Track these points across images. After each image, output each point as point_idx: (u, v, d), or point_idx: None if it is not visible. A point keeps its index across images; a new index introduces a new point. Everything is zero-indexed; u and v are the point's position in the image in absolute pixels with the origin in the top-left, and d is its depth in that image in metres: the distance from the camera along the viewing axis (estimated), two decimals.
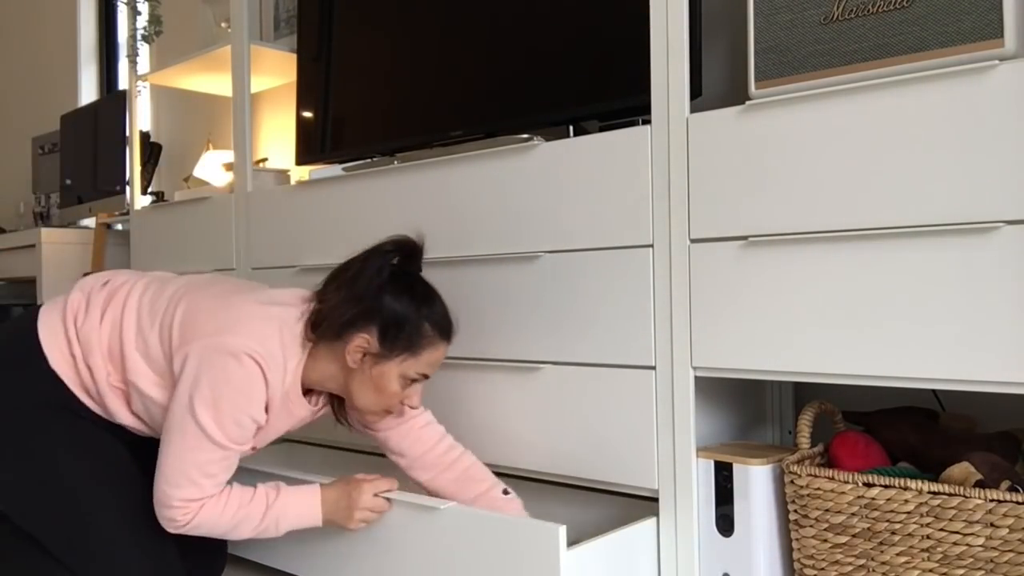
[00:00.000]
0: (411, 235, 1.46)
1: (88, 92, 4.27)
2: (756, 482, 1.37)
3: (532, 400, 1.62)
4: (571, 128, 1.66)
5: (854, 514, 1.28)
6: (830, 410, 1.47)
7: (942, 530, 1.20)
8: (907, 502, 1.22)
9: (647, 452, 1.46)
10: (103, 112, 3.42)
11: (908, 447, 1.39)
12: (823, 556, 1.32)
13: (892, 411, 1.46)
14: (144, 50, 2.85)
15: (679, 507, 1.43)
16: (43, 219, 3.91)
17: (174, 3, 3.30)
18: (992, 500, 1.15)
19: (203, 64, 2.62)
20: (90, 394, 1.42)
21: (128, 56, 2.80)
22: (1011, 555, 1.14)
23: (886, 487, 1.25)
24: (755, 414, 1.65)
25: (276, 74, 2.67)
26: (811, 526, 1.32)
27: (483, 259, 1.69)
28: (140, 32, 2.79)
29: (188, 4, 3.31)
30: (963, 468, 1.22)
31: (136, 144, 2.77)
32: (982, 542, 1.16)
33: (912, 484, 1.22)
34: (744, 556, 1.38)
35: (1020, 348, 1.12)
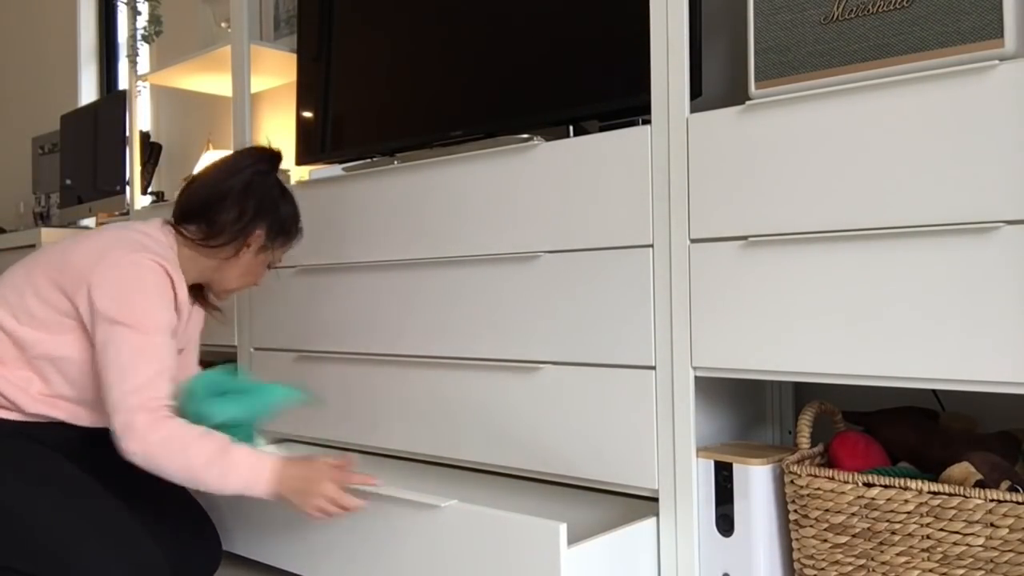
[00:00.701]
0: (263, 144, 1.70)
1: (88, 92, 4.27)
2: (756, 482, 1.37)
3: (532, 400, 1.62)
4: (571, 128, 1.66)
5: (854, 514, 1.28)
6: (830, 410, 1.47)
7: (942, 530, 1.20)
8: (907, 502, 1.22)
9: (647, 452, 1.46)
10: (103, 112, 3.42)
11: (908, 447, 1.39)
12: (823, 556, 1.32)
13: (892, 411, 1.46)
14: (144, 50, 2.85)
15: (679, 507, 1.43)
16: (43, 219, 3.91)
17: (174, 3, 3.30)
18: (992, 500, 1.15)
19: (203, 64, 2.62)
20: (15, 408, 1.45)
21: (128, 56, 2.80)
22: (1011, 555, 1.14)
23: (886, 487, 1.25)
24: (755, 414, 1.65)
25: (276, 74, 2.67)
26: (811, 526, 1.32)
27: (483, 259, 1.69)
28: (140, 32, 2.79)
29: (188, 4, 3.31)
30: (963, 468, 1.22)
31: (136, 144, 2.77)
32: (982, 542, 1.16)
33: (912, 484, 1.22)
34: (744, 556, 1.38)
35: (1020, 348, 1.12)
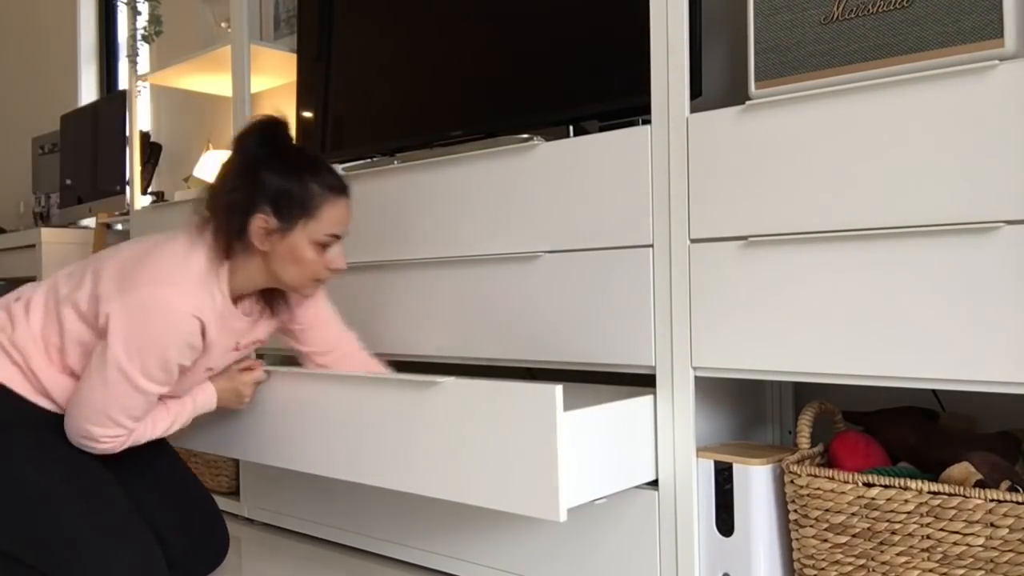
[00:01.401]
0: (270, 115, 1.55)
1: (88, 92, 4.27)
2: (756, 482, 1.37)
3: None
4: (571, 128, 1.66)
5: (854, 514, 1.28)
6: (830, 410, 1.47)
7: (942, 530, 1.20)
8: (907, 502, 1.22)
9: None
10: (103, 112, 3.42)
11: (908, 447, 1.39)
12: (823, 556, 1.32)
13: (892, 411, 1.46)
14: (144, 50, 2.85)
15: (679, 507, 1.43)
16: (43, 219, 3.91)
17: (174, 3, 3.30)
18: (992, 500, 1.15)
19: (203, 64, 2.62)
20: (46, 395, 1.46)
21: (128, 56, 2.80)
22: (1011, 555, 1.14)
23: (886, 487, 1.25)
24: (755, 414, 1.65)
25: (276, 74, 2.67)
26: (811, 526, 1.32)
27: (483, 259, 1.69)
28: (140, 32, 2.79)
29: (188, 4, 3.31)
30: (963, 468, 1.22)
31: (136, 144, 2.77)
32: (982, 542, 1.16)
33: (912, 484, 1.22)
34: (744, 556, 1.38)
35: (1020, 348, 1.12)
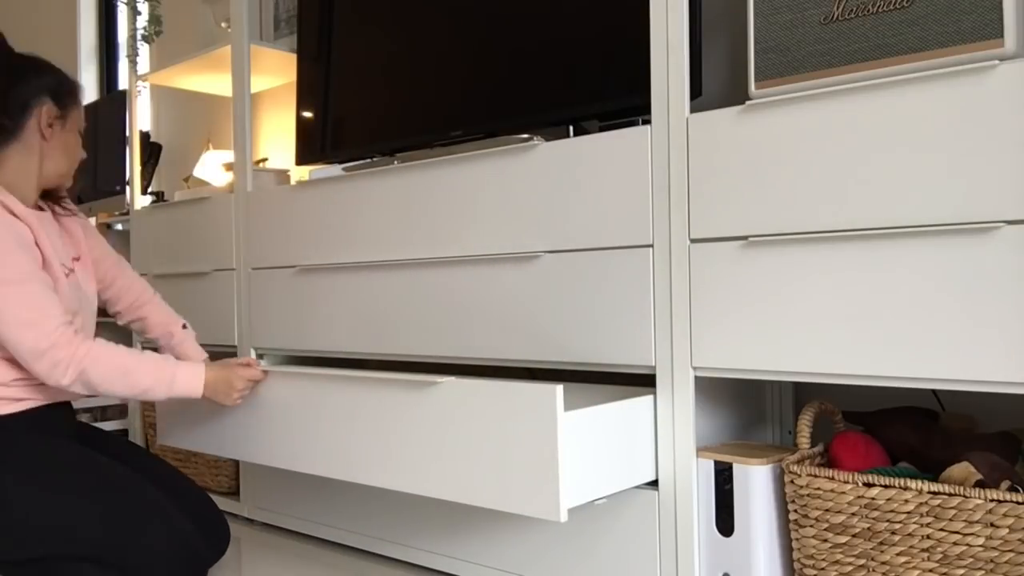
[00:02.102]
0: None
1: (88, 92, 4.27)
2: (756, 482, 1.37)
3: None
4: (571, 128, 1.66)
5: (854, 514, 1.28)
6: (830, 410, 1.47)
7: (942, 530, 1.20)
8: (907, 502, 1.22)
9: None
10: (103, 112, 3.41)
11: (908, 447, 1.39)
12: (823, 556, 1.32)
13: (892, 411, 1.46)
14: (144, 50, 2.85)
15: (679, 507, 1.43)
16: None
17: (174, 3, 3.30)
18: (992, 500, 1.15)
19: (203, 64, 2.62)
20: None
21: (128, 56, 2.80)
22: (1011, 555, 1.14)
23: (886, 487, 1.25)
24: (755, 414, 1.65)
25: (276, 74, 2.67)
26: (811, 526, 1.32)
27: (483, 259, 1.69)
28: (140, 32, 2.79)
29: (188, 4, 3.31)
30: (963, 468, 1.22)
31: (136, 144, 2.77)
32: (982, 542, 1.16)
33: (912, 484, 1.22)
34: (744, 556, 1.38)
35: (1020, 348, 1.12)
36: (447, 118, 1.87)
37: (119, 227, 3.27)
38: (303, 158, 2.22)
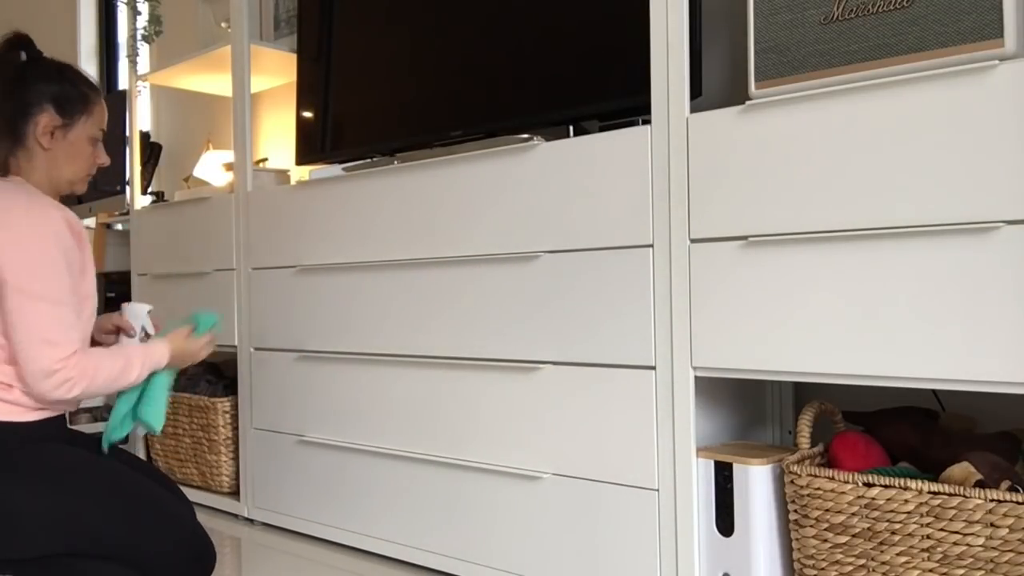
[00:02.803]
0: (14, 31, 1.65)
1: None
2: (756, 482, 1.37)
3: (532, 400, 1.62)
4: (571, 128, 1.66)
5: (854, 514, 1.28)
6: (830, 410, 1.47)
7: (942, 530, 1.20)
8: (907, 502, 1.22)
9: (647, 452, 1.46)
10: None
11: (908, 447, 1.39)
12: (823, 556, 1.32)
13: (892, 411, 1.46)
14: (144, 50, 2.85)
15: (679, 507, 1.43)
16: None
17: (174, 3, 3.30)
18: (992, 500, 1.15)
19: (203, 64, 2.62)
20: (8, 402, 1.47)
21: (128, 56, 2.80)
22: (1011, 555, 1.14)
23: (886, 487, 1.25)
24: (755, 414, 1.65)
25: (276, 74, 2.67)
26: (811, 526, 1.32)
27: (483, 259, 1.69)
28: (140, 32, 2.79)
29: (188, 4, 3.31)
30: (963, 468, 1.22)
31: (136, 144, 2.77)
32: (982, 542, 1.16)
33: (912, 484, 1.22)
34: (744, 556, 1.38)
35: (1020, 348, 1.12)
36: (447, 118, 1.87)
37: (119, 227, 3.26)
38: (303, 158, 2.22)
